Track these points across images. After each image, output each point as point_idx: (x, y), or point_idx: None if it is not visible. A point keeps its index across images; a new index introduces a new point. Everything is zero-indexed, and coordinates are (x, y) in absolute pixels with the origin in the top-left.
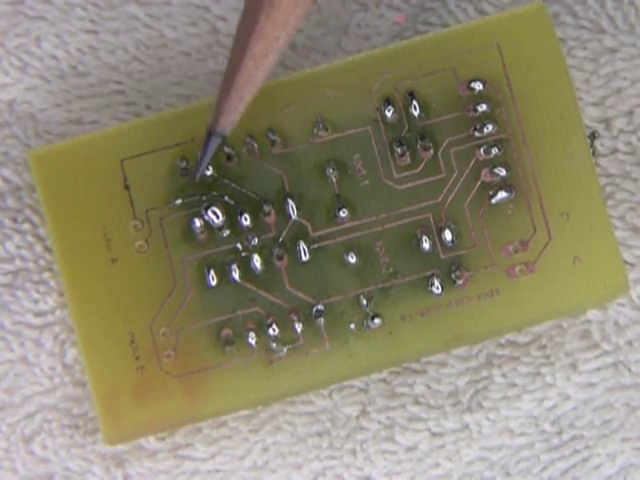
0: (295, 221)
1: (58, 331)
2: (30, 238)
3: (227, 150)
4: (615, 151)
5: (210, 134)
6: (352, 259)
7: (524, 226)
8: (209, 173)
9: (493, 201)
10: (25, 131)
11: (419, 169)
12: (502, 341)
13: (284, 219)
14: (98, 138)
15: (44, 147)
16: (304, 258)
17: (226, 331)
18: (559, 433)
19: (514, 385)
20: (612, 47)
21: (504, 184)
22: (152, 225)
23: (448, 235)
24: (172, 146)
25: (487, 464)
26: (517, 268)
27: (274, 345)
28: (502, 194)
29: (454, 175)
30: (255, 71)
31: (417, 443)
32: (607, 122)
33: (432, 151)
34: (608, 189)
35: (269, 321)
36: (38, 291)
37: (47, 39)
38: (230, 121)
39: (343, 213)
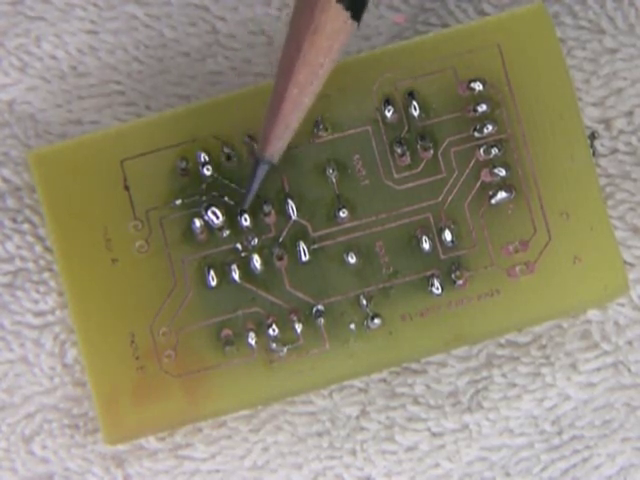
0: (295, 221)
1: (58, 331)
2: (30, 238)
3: (227, 150)
4: (615, 151)
5: (258, 162)
6: (352, 259)
7: (524, 226)
8: (209, 173)
9: (493, 201)
10: (25, 131)
11: (419, 169)
12: (502, 341)
13: (284, 219)
14: (98, 138)
15: (44, 147)
16: (304, 258)
17: (226, 331)
18: (559, 433)
19: (514, 385)
20: (612, 47)
21: (504, 184)
22: (152, 225)
23: (448, 235)
24: (172, 146)
25: (487, 464)
26: (517, 268)
27: (274, 345)
28: (502, 194)
29: (454, 175)
30: (301, 98)
31: (417, 443)
32: (607, 122)
33: (432, 151)
34: (608, 189)
35: (269, 321)
36: (38, 291)
37: (47, 39)
38: (277, 148)
39: (343, 213)
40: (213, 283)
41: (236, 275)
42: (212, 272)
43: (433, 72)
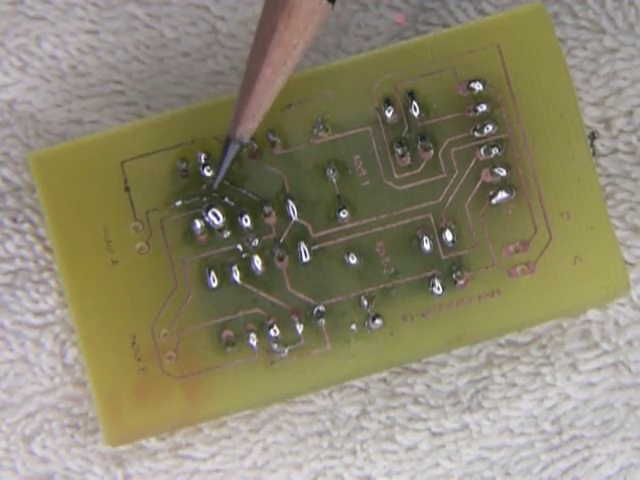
0: (296, 222)
1: (58, 331)
2: (30, 238)
3: None
4: (615, 151)
5: (229, 141)
6: (353, 260)
7: (525, 226)
8: (209, 174)
9: (494, 201)
10: (25, 131)
11: (419, 169)
12: (502, 341)
13: (285, 220)
14: (98, 140)
15: (44, 149)
16: (305, 259)
17: (227, 332)
18: (559, 433)
19: (514, 385)
20: (612, 47)
21: (504, 184)
22: (153, 227)
23: (449, 235)
24: (172, 147)
25: (487, 464)
26: (518, 268)
27: (275, 346)
28: (502, 194)
29: (454, 175)
30: (273, 79)
31: (417, 443)
32: (607, 122)
33: (432, 151)
34: (608, 189)
35: (270, 322)
36: (38, 291)
37: (47, 39)
38: (249, 128)
39: (344, 214)
40: (214, 284)
41: (237, 276)
42: (213, 273)
43: (433, 72)
